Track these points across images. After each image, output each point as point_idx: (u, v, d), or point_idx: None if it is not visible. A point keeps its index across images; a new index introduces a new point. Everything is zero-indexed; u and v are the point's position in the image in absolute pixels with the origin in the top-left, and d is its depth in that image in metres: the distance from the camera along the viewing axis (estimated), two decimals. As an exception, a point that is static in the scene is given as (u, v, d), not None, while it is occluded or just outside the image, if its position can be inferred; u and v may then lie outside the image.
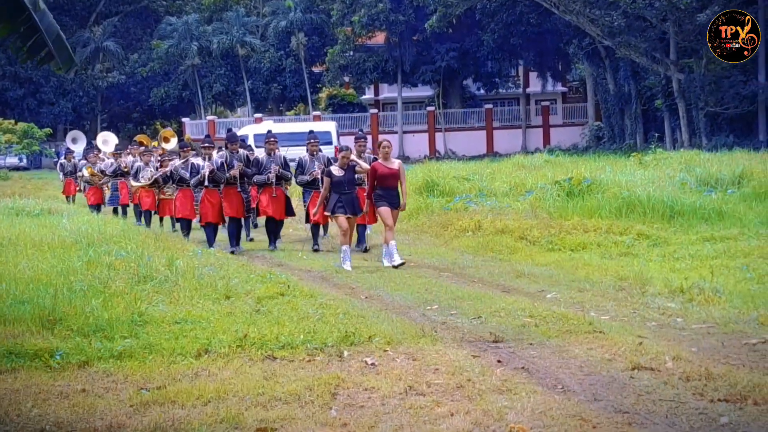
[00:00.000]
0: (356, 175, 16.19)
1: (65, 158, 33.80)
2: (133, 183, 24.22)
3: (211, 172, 17.99)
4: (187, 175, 19.11)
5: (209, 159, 18.31)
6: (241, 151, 18.73)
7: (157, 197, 23.51)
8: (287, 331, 9.32)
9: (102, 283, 11.60)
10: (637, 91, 57.50)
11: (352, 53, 67.19)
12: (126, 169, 25.31)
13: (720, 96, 47.00)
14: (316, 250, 18.06)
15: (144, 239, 16.12)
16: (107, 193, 27.44)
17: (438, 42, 66.23)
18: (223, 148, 19.14)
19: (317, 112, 68.83)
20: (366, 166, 15.78)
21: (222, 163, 18.23)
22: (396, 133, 68.07)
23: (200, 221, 18.99)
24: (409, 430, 6.58)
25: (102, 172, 27.19)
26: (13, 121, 58.98)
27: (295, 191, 23.24)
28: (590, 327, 9.55)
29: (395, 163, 15.45)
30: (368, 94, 75.95)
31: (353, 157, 16.23)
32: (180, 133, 70.26)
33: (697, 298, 10.88)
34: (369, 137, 33.99)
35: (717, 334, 9.32)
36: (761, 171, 22.21)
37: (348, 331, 9.28)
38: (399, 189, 15.49)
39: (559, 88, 74.97)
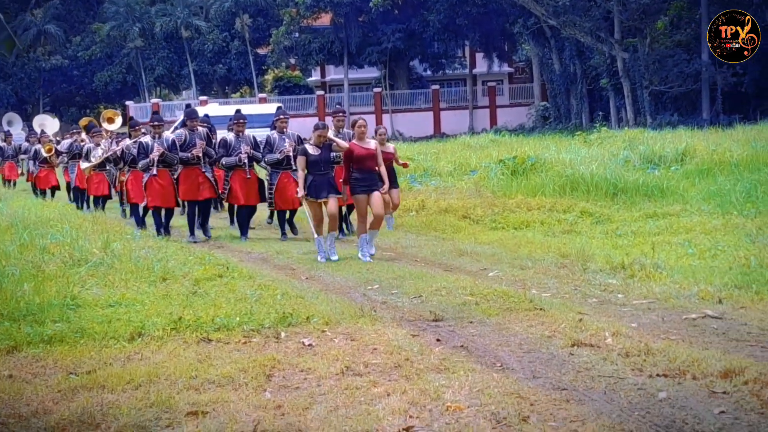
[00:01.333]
0: (333, 154, 14.65)
1: (4, 141, 32.99)
2: (83, 164, 23.27)
3: (161, 154, 16.54)
4: (137, 155, 17.49)
5: (159, 138, 16.92)
6: (200, 128, 17.11)
7: (116, 181, 21.81)
8: (223, 312, 9.15)
9: (35, 266, 11.36)
10: (582, 70, 57.68)
11: (297, 35, 66.76)
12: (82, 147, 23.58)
13: (664, 75, 47.27)
14: (295, 235, 16.93)
15: (81, 222, 15.83)
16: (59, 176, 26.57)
17: (384, 23, 66.00)
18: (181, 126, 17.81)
19: (263, 95, 68.34)
20: (344, 144, 14.15)
21: (173, 142, 16.69)
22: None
23: (147, 204, 17.48)
24: (344, 411, 6.43)
25: (57, 152, 26.06)
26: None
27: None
28: (531, 304, 9.46)
29: (372, 143, 14.10)
30: (315, 76, 75.60)
31: (330, 134, 14.65)
32: (124, 116, 69.51)
33: (638, 274, 10.84)
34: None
35: (657, 310, 9.28)
36: (703, 148, 22.30)
37: (285, 312, 9.13)
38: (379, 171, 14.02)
39: (506, 68, 75.05)
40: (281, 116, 17.15)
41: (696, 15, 47.65)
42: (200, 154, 16.53)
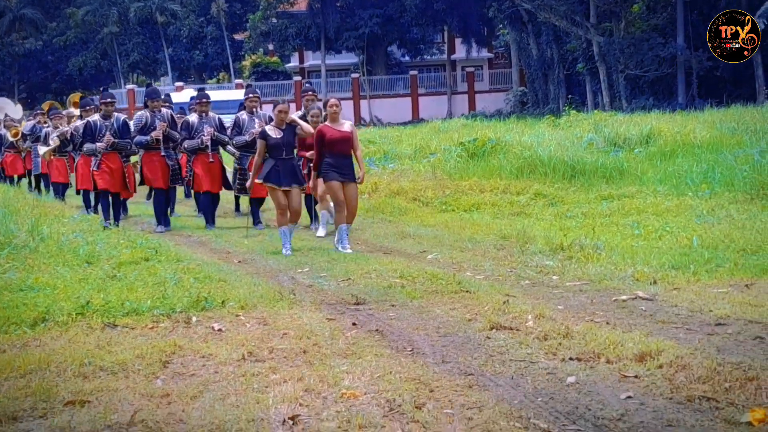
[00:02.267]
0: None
1: None
2: (41, 149, 22.31)
3: (111, 144, 15.43)
4: (82, 138, 16.02)
5: (108, 119, 15.59)
6: (164, 110, 15.83)
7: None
8: (136, 296, 8.77)
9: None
10: (559, 55, 57.34)
11: (274, 20, 66.25)
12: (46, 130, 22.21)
13: (639, 59, 46.97)
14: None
15: (20, 206, 15.41)
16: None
17: (361, 8, 65.59)
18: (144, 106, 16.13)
19: (240, 80, 67.81)
20: (309, 128, 12.88)
21: (124, 123, 15.65)
22: (320, 100, 67.27)
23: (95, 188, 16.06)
24: (233, 399, 6.07)
25: (24, 136, 24.67)
26: None
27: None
28: (458, 287, 9.13)
29: (346, 125, 12.58)
30: (294, 62, 75.11)
31: (293, 116, 13.21)
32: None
33: (577, 256, 10.53)
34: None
35: (589, 291, 8.95)
36: (668, 130, 21.99)
37: (200, 295, 8.75)
38: (353, 157, 12.64)
39: (485, 54, 74.70)
40: (251, 95, 16.08)
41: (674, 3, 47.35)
42: (160, 137, 15.32)
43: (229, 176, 16.05)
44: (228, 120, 16.46)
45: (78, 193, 18.63)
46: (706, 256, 9.94)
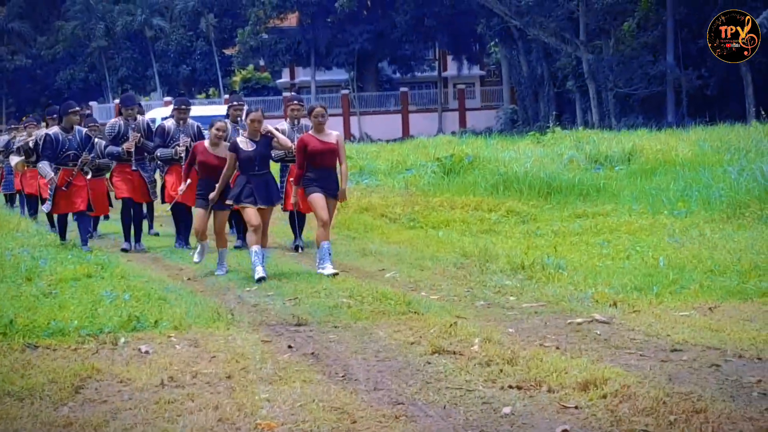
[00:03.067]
0: (273, 151, 12.36)
1: None
2: (12, 159, 21.07)
3: (83, 162, 14.12)
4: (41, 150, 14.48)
5: (69, 132, 14.15)
6: (140, 118, 14.71)
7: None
8: (64, 315, 8.29)
9: None
10: (550, 73, 56.97)
11: (264, 35, 65.85)
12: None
13: (629, 77, 46.63)
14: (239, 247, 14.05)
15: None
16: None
17: (352, 24, 65.19)
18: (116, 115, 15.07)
19: (228, 96, 67.29)
20: (285, 140, 11.68)
21: (85, 138, 14.25)
22: (306, 120, 66.81)
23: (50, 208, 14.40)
24: (140, 429, 5.60)
25: None
26: None
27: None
28: (407, 308, 8.67)
29: (332, 136, 11.37)
30: (285, 78, 74.73)
31: (273, 127, 12.01)
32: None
33: (538, 275, 10.06)
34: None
35: (544, 314, 8.48)
36: (650, 148, 21.58)
37: (132, 315, 8.27)
38: (337, 171, 11.47)
39: (477, 71, 74.39)
40: (234, 103, 14.96)
41: (662, 17, 46.97)
42: (132, 149, 14.15)
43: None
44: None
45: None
46: (672, 277, 9.47)
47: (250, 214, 11.02)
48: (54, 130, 14.36)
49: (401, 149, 27.56)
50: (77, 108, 14.59)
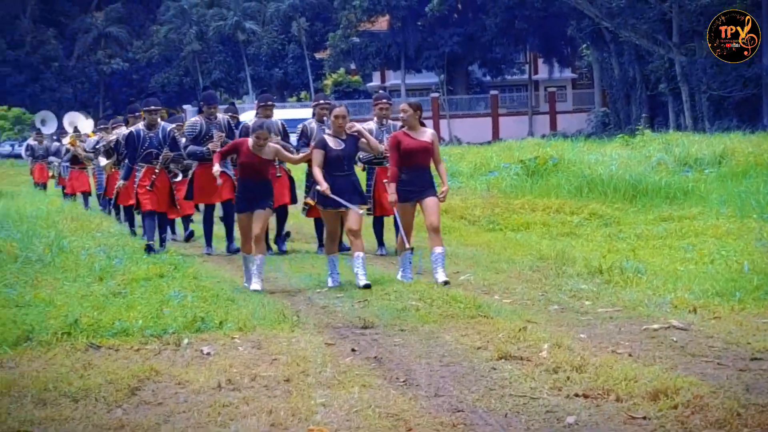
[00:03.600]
0: (360, 153, 11.98)
1: (34, 140, 30.18)
2: (101, 161, 19.78)
3: (164, 158, 13.81)
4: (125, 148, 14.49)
5: (153, 129, 13.87)
6: (220, 116, 14.15)
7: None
8: (130, 315, 8.21)
9: (-31, 264, 10.56)
10: (642, 75, 56.04)
11: (355, 39, 65.95)
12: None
13: (723, 79, 45.59)
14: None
15: (59, 219, 15.07)
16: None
17: (442, 27, 64.96)
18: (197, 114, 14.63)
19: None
20: (375, 143, 11.16)
21: (170, 134, 13.93)
22: (393, 120, 66.66)
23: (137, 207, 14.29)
24: (191, 433, 5.48)
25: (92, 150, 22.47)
26: (5, 107, 57.91)
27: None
28: (476, 311, 8.43)
29: (426, 134, 10.61)
30: (375, 81, 74.77)
31: (360, 126, 11.33)
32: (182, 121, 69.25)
33: (615, 279, 9.73)
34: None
35: (619, 319, 8.17)
36: (742, 150, 20.97)
37: (198, 315, 8.16)
38: (434, 170, 10.77)
39: (569, 74, 73.61)
40: (321, 101, 14.06)
41: (757, 18, 45.84)
42: (218, 148, 12.96)
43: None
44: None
45: (116, 207, 17.24)
46: (756, 282, 9.07)
47: (331, 219, 10.60)
48: (137, 127, 14.10)
49: (486, 152, 27.23)
50: (152, 107, 14.02)
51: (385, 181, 11.29)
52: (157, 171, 13.77)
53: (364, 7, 62.83)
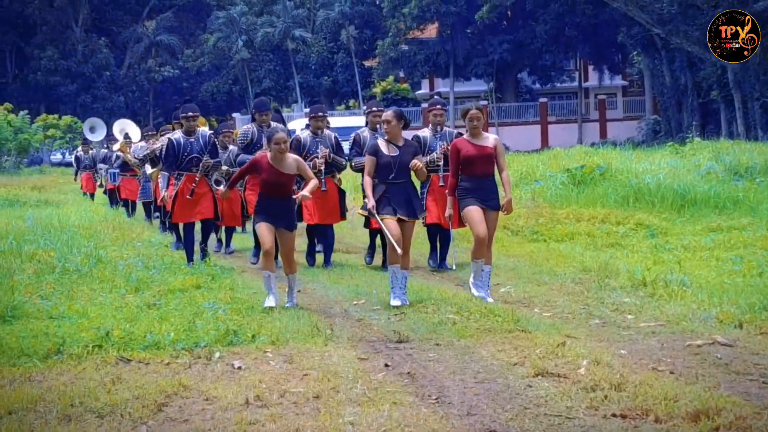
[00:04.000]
0: (427, 158, 11.74)
1: (81, 150, 30.12)
2: (148, 169, 18.81)
3: (204, 165, 13.03)
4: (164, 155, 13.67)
5: (191, 135, 13.17)
6: (274, 125, 12.87)
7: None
8: (162, 328, 8.10)
9: (8, 273, 10.52)
10: (693, 82, 55.34)
11: (404, 46, 65.81)
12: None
13: (776, 86, 44.90)
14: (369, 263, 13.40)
15: (101, 227, 15.04)
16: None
17: (491, 34, 64.57)
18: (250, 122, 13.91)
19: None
20: (421, 162, 10.14)
21: (209, 140, 13.25)
22: (448, 127, 66.26)
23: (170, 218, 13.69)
24: (214, 452, 5.34)
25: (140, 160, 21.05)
26: (56, 116, 58.38)
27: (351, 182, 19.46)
28: (515, 325, 8.22)
29: (489, 140, 10.04)
30: (424, 89, 74.57)
31: (414, 135, 11.38)
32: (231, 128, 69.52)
33: (660, 292, 9.48)
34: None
35: (662, 334, 7.93)
36: (795, 159, 20.54)
37: (230, 328, 8.03)
38: (497, 179, 10.21)
39: (620, 81, 72.95)
40: (374, 108, 13.32)
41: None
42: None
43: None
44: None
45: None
46: (805, 296, 8.79)
47: (391, 226, 9.67)
48: (176, 134, 13.45)
49: (532, 160, 26.85)
50: (190, 114, 13.20)
51: (446, 191, 10.56)
52: (197, 179, 13.06)
53: (414, 14, 62.58)
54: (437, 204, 12.17)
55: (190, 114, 13.23)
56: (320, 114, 13.49)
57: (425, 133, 12.62)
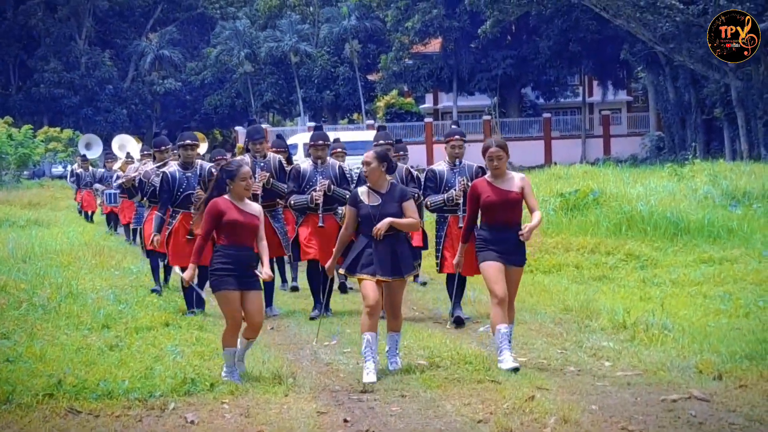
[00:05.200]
0: (430, 198, 10.79)
1: (81, 167, 28.36)
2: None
3: (196, 199, 11.04)
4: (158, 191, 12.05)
5: (189, 168, 11.70)
6: (271, 155, 12.24)
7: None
8: (119, 374, 7.80)
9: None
10: (697, 99, 55.01)
11: (407, 61, 65.62)
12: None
13: (779, 104, 44.55)
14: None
15: (82, 254, 14.76)
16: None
17: (495, 49, 64.35)
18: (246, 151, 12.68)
19: (371, 121, 67.32)
20: (407, 221, 8.48)
21: (210, 174, 10.84)
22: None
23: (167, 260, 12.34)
24: None
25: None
26: (58, 129, 58.18)
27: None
28: (485, 375, 7.92)
29: (514, 182, 8.54)
30: (428, 103, 74.34)
31: (431, 167, 10.57)
32: (233, 141, 69.51)
33: (640, 336, 9.15)
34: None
35: (638, 385, 7.60)
36: (793, 184, 20.19)
37: (187, 377, 7.71)
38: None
39: (624, 96, 72.65)
40: (381, 141, 11.79)
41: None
42: (258, 191, 11.51)
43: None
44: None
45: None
46: (789, 343, 8.46)
47: (367, 289, 8.26)
48: (172, 167, 11.85)
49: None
50: (188, 142, 11.70)
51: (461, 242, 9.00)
52: (194, 218, 10.33)
53: (417, 29, 62.36)
54: (456, 250, 9.81)
55: (188, 142, 11.67)
56: (320, 142, 11.81)
57: (441, 166, 11.16)
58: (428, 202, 11.01)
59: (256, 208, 8.30)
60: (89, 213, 27.60)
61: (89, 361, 8.28)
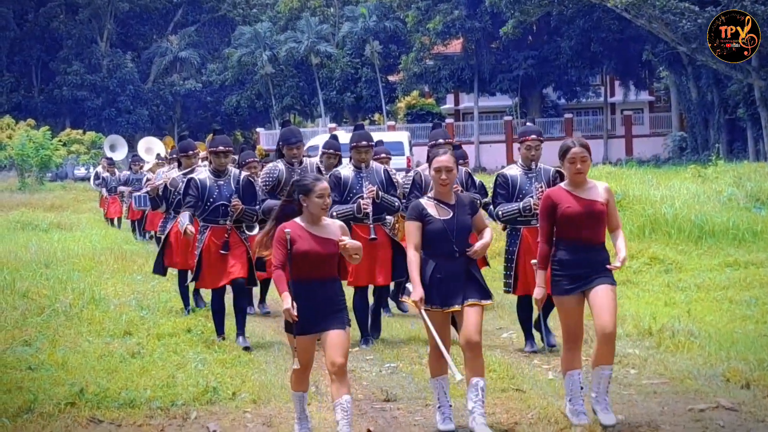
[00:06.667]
0: (501, 208, 9.48)
1: (107, 170, 27.06)
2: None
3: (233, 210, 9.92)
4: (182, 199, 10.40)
5: (221, 175, 10.14)
6: (307, 160, 10.68)
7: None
8: (141, 382, 7.76)
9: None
10: (720, 99, 54.72)
11: (429, 62, 65.51)
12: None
13: (803, 104, 44.28)
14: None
15: (105, 258, 14.76)
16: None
17: (516, 49, 64.19)
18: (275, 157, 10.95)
19: (392, 122, 67.24)
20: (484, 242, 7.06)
21: (244, 182, 10.14)
22: (472, 143, 66.09)
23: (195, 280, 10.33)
24: None
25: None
26: (81, 131, 58.35)
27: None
28: (510, 383, 7.84)
29: (598, 190, 7.02)
30: (449, 104, 74.21)
31: (502, 171, 9.64)
32: (254, 143, 69.55)
33: (666, 343, 9.04)
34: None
35: (664, 394, 7.52)
36: (819, 185, 20.01)
37: (209, 385, 7.66)
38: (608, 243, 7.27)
39: (646, 96, 72.26)
40: (439, 140, 10.21)
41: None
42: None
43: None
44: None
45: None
46: (822, 350, 8.35)
47: (437, 321, 6.91)
48: (202, 174, 10.41)
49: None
50: (221, 148, 10.14)
51: (533, 262, 7.26)
52: (228, 231, 9.96)
53: (438, 30, 62.27)
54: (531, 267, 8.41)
55: (221, 149, 10.13)
56: (364, 143, 10.16)
57: (514, 171, 9.85)
58: (500, 212, 9.60)
59: (334, 230, 6.53)
60: (115, 219, 26.44)
61: (111, 369, 8.26)
